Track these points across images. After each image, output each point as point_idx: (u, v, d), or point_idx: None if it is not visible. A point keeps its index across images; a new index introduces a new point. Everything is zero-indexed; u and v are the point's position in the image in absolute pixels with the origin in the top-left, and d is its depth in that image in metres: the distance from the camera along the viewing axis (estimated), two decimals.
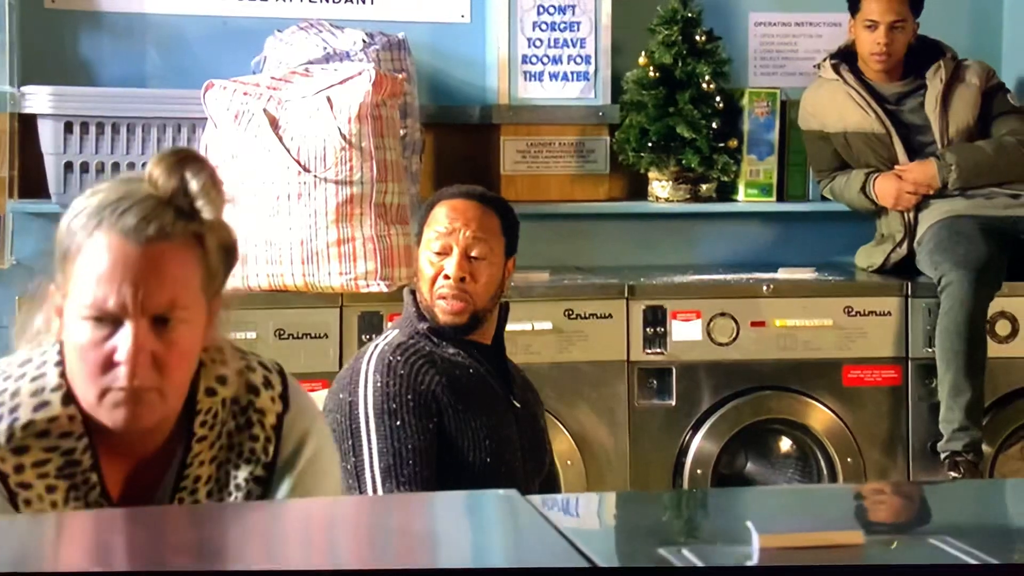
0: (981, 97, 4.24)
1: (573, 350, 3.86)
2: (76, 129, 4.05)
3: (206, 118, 4.19)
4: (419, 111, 4.18)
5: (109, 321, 1.74)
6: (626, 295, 3.91)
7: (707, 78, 4.31)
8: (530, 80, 4.41)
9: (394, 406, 2.76)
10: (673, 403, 3.93)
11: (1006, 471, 4.09)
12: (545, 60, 4.41)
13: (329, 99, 3.75)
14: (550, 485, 3.05)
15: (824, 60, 4.34)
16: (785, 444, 4.09)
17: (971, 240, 3.98)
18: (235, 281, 3.76)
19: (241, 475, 1.83)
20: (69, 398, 1.78)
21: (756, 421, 3.99)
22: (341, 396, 2.83)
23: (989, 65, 4.34)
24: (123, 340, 1.73)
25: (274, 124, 3.76)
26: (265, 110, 3.78)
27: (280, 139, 3.74)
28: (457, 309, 2.83)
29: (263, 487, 1.84)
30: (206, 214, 1.80)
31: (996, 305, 3.97)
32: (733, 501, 1.70)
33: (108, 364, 1.74)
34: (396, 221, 3.80)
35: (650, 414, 3.93)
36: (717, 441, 3.94)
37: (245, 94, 3.81)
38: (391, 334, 2.90)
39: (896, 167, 4.21)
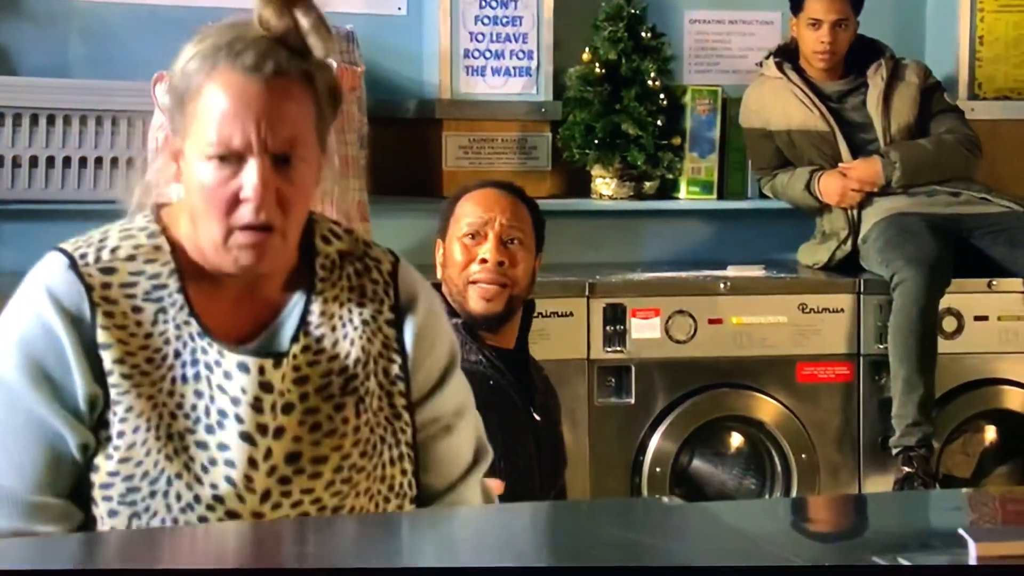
0: (920, 95, 4.31)
1: (535, 349, 3.73)
2: None
3: (137, 111, 4.03)
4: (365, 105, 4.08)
5: (233, 159, 1.77)
6: (587, 293, 3.87)
7: (652, 75, 4.30)
8: (472, 75, 4.34)
9: None
10: (632, 401, 3.90)
11: (950, 465, 4.16)
12: (487, 55, 4.34)
13: None
14: (559, 498, 2.93)
15: (767, 58, 4.35)
16: (741, 441, 4.09)
17: (921, 237, 4.03)
18: None
19: (367, 312, 1.85)
20: (155, 235, 1.82)
21: (713, 419, 3.98)
22: None
23: (925, 64, 4.41)
24: (249, 177, 1.76)
25: None
26: None
27: None
28: (492, 294, 2.72)
29: (395, 330, 1.86)
30: (317, 53, 1.81)
31: (942, 302, 4.03)
32: (920, 505, 1.67)
33: (234, 202, 1.77)
34: (357, 218, 3.70)
35: (609, 413, 3.90)
36: (675, 439, 3.93)
37: None
38: None
39: (840, 165, 4.25)
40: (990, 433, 4.23)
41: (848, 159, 4.25)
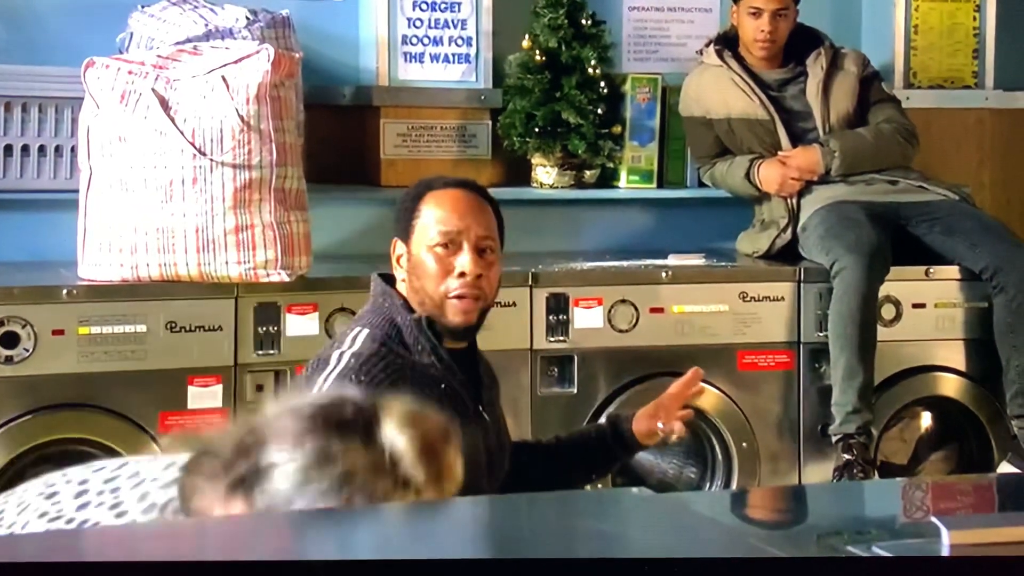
0: (859, 85, 4.32)
1: (479, 339, 3.75)
2: None
3: (66, 98, 3.95)
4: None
5: None
6: (530, 283, 3.84)
7: (592, 63, 4.27)
8: (410, 61, 4.29)
9: None
10: (574, 391, 3.88)
11: (887, 452, 4.18)
12: (426, 41, 4.30)
13: (224, 79, 3.56)
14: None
15: (707, 46, 4.34)
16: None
17: (860, 225, 4.04)
18: (124, 271, 3.57)
19: None
20: None
21: None
22: None
23: (864, 54, 4.43)
24: None
25: (164, 105, 3.55)
26: (154, 90, 3.56)
27: (173, 120, 3.53)
28: (471, 308, 2.63)
29: None
30: None
31: (881, 290, 4.05)
32: (889, 493, 1.65)
33: None
34: (295, 207, 3.64)
35: (552, 403, 3.87)
36: None
37: (130, 73, 3.59)
38: (359, 337, 2.62)
39: (780, 153, 4.25)
40: (926, 420, 4.26)
41: (788, 147, 4.25)
